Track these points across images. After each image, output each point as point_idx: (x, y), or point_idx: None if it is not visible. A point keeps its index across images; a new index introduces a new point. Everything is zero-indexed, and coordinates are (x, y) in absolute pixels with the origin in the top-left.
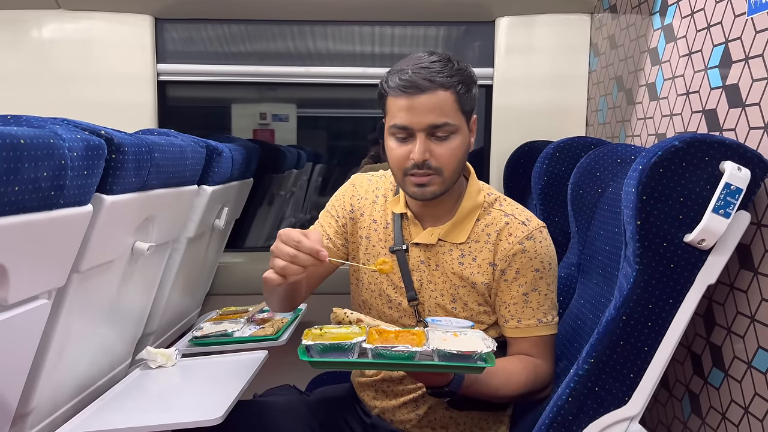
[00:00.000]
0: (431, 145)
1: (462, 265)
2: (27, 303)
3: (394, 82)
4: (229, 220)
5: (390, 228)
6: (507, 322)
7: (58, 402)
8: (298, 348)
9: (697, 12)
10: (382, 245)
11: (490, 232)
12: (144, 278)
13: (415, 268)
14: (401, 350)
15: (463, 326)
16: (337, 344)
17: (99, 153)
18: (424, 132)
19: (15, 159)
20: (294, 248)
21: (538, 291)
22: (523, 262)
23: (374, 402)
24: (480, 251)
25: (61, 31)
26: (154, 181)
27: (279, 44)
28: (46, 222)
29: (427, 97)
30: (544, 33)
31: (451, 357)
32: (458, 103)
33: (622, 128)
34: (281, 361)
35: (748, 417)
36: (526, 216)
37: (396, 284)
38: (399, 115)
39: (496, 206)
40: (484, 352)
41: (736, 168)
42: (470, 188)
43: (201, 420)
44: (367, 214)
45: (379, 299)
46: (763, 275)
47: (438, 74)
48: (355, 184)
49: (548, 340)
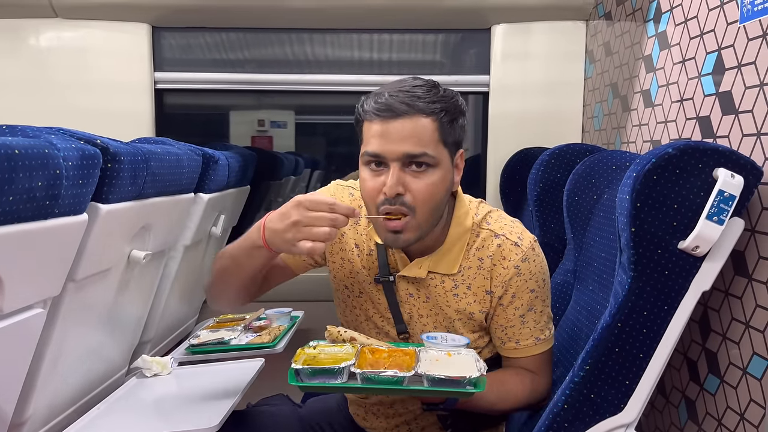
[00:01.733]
0: (406, 177)
1: (456, 296)
2: (22, 312)
3: (370, 105)
4: (225, 228)
5: (374, 256)
6: (504, 344)
7: (53, 411)
8: (289, 371)
9: (690, 19)
10: (366, 273)
11: (483, 257)
12: (140, 286)
13: (404, 300)
14: (390, 375)
15: (458, 345)
16: (326, 369)
17: (94, 162)
18: (398, 162)
19: (9, 169)
20: (330, 211)
21: (534, 310)
22: (519, 285)
23: (365, 423)
24: (474, 278)
25: (59, 40)
26: (150, 190)
27: (277, 52)
28: (41, 231)
29: (404, 122)
30: (539, 40)
31: (440, 382)
32: (439, 132)
33: (617, 135)
34: (277, 369)
35: (744, 423)
36: (517, 234)
37: (384, 315)
38: (372, 141)
39: (484, 225)
40: (473, 378)
41: (730, 175)
42: (457, 212)
43: (195, 429)
44: (348, 237)
45: (366, 323)
46: (758, 282)
47: (419, 99)
48: (334, 196)
49: (545, 355)
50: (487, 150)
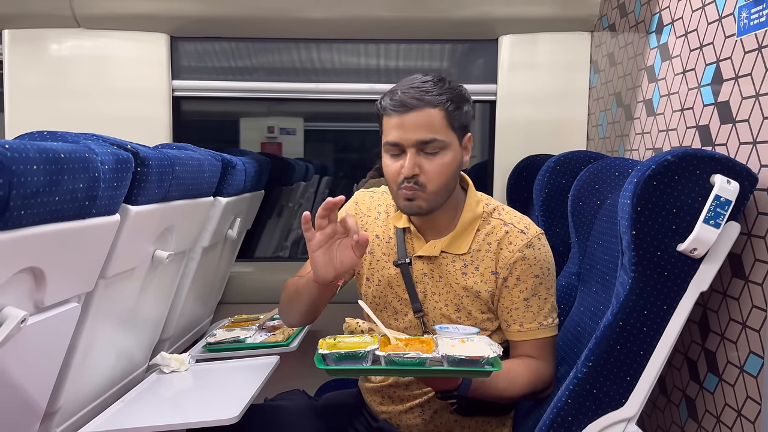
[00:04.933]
0: (421, 160)
1: (465, 275)
2: (60, 306)
3: (387, 102)
4: (241, 231)
5: (393, 242)
6: (509, 327)
7: (81, 403)
8: (315, 356)
9: (690, 32)
10: (386, 259)
11: (491, 242)
12: (161, 286)
13: (419, 280)
14: (413, 357)
15: (470, 333)
16: (352, 353)
17: (127, 166)
18: (414, 148)
19: (56, 171)
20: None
21: (538, 296)
22: (524, 269)
23: (381, 407)
24: (482, 260)
25: (81, 49)
26: (175, 193)
27: (288, 61)
28: (79, 230)
29: (416, 114)
30: (545, 51)
31: (460, 362)
32: (447, 119)
33: (621, 143)
34: (291, 367)
35: (741, 420)
36: (524, 224)
37: (401, 296)
38: (391, 132)
39: (495, 215)
40: (491, 357)
41: (726, 181)
42: (469, 200)
43: (218, 419)
44: (370, 230)
45: (385, 312)
46: (754, 283)
47: (427, 93)
48: (357, 201)
49: (549, 342)
50: (494, 157)
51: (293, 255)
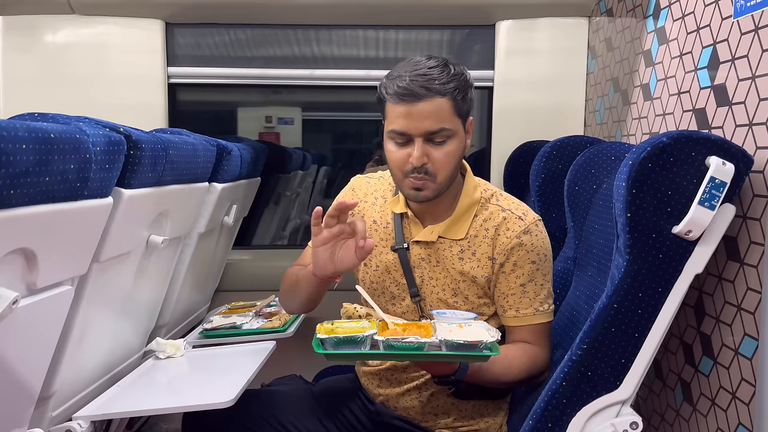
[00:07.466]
0: (429, 149)
1: (462, 260)
2: (53, 288)
3: (392, 89)
4: (237, 218)
5: (390, 227)
6: (506, 312)
7: (76, 388)
8: (313, 341)
9: (687, 15)
10: (384, 244)
11: (489, 227)
12: (157, 271)
13: (417, 265)
14: (411, 341)
15: (467, 318)
16: (350, 338)
17: (119, 148)
18: (422, 137)
19: (46, 152)
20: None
21: (535, 282)
22: (521, 255)
23: (378, 390)
24: (479, 246)
25: (75, 36)
26: (168, 177)
27: (285, 48)
28: (71, 212)
29: (424, 104)
30: (543, 36)
31: (459, 347)
32: (455, 108)
33: (618, 128)
34: (288, 353)
35: (736, 402)
36: (522, 210)
37: (398, 281)
38: (397, 121)
39: (492, 201)
40: (489, 342)
41: (721, 163)
42: (467, 185)
43: (213, 403)
44: (368, 215)
45: (382, 297)
46: (749, 265)
47: (435, 81)
48: (354, 187)
49: (545, 327)
50: (492, 143)
51: (291, 243)
